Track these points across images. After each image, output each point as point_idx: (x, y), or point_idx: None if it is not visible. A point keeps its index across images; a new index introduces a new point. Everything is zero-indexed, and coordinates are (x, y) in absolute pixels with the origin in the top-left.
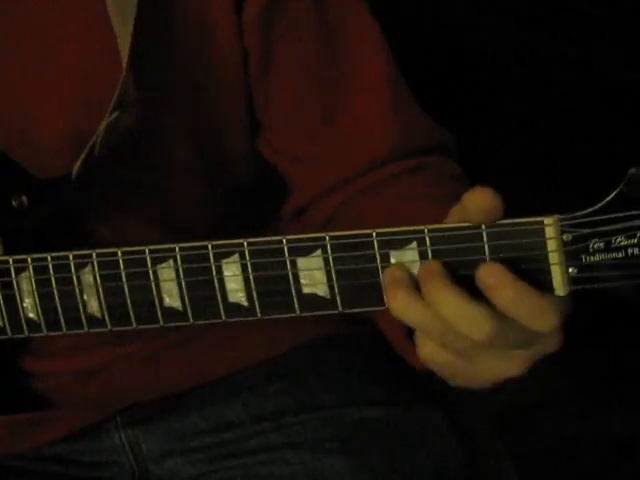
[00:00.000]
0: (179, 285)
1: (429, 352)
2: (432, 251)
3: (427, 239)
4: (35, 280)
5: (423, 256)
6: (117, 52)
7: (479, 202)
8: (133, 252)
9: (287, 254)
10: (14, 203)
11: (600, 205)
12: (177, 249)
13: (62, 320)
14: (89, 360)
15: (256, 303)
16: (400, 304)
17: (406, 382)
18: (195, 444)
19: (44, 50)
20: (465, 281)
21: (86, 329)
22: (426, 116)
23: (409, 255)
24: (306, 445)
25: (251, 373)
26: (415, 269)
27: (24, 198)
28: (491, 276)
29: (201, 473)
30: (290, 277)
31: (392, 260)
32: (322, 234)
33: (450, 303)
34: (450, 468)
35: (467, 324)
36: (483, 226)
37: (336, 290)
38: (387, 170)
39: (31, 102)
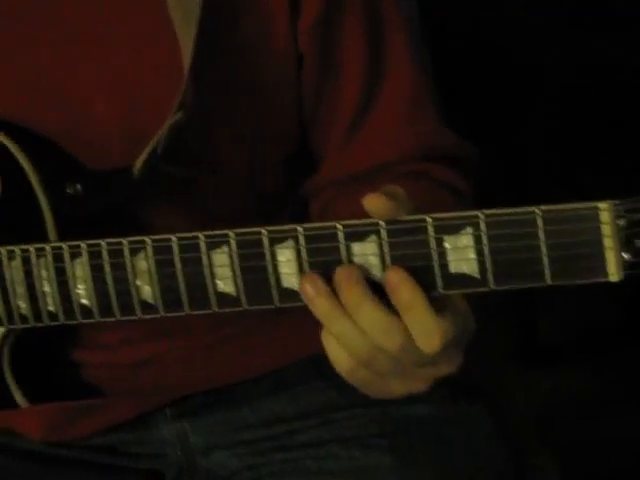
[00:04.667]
0: (233, 270)
1: (348, 369)
2: (488, 236)
3: (482, 224)
4: (89, 266)
5: (478, 241)
6: (177, 53)
7: (370, 209)
8: (187, 238)
9: (342, 239)
10: (68, 190)
11: None
12: (232, 235)
13: (115, 306)
14: (140, 352)
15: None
16: (323, 310)
17: (451, 381)
18: (243, 437)
19: (105, 47)
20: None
21: (139, 315)
22: (445, 127)
23: (464, 240)
24: (354, 440)
25: (300, 368)
26: (471, 254)
27: (78, 186)
28: (392, 278)
29: (248, 466)
30: (345, 262)
31: (446, 245)
32: (377, 220)
33: (367, 311)
34: (494, 469)
35: (382, 334)
36: (538, 211)
37: None
38: (393, 171)
39: (88, 96)
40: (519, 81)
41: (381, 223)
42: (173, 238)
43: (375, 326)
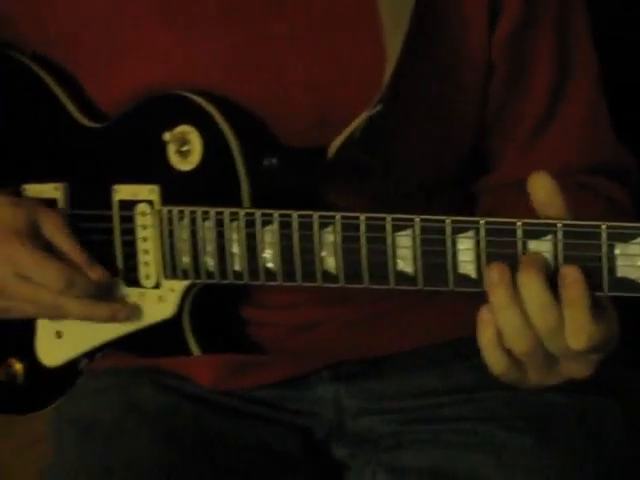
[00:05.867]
0: (414, 252)
1: (495, 359)
2: None
3: None
4: (279, 234)
5: None
6: (381, 49)
7: (533, 185)
8: (375, 218)
9: (520, 235)
10: (265, 163)
11: None
12: (417, 220)
13: (299, 273)
14: (304, 315)
15: (484, 277)
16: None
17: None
18: (392, 406)
19: (312, 37)
20: None
21: (320, 283)
22: (617, 141)
23: (635, 249)
24: (495, 420)
25: (451, 348)
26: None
27: (275, 160)
28: (568, 275)
29: (393, 432)
30: (518, 257)
31: (617, 251)
32: (555, 221)
33: (532, 286)
34: (622, 462)
35: (539, 309)
36: None
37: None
38: (563, 181)
39: (291, 79)
40: None
41: (558, 224)
42: (361, 217)
43: (536, 300)
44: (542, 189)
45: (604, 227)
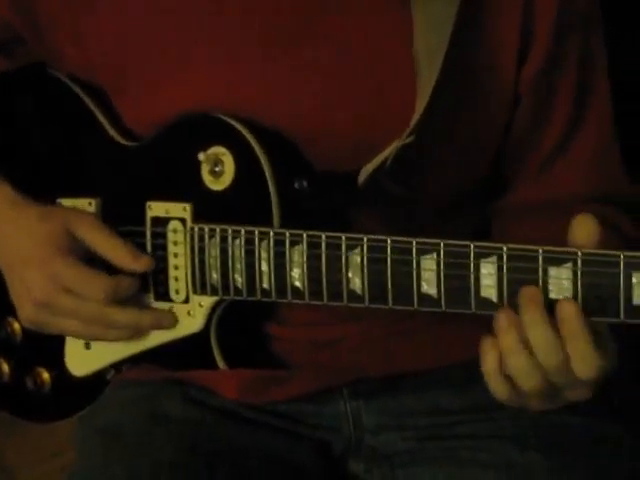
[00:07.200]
0: (438, 275)
1: (498, 386)
2: None
3: None
4: (307, 254)
5: None
6: (412, 80)
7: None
8: (401, 242)
9: (541, 262)
10: (296, 185)
11: None
12: (442, 244)
13: (325, 292)
14: (325, 333)
15: (505, 301)
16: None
17: (605, 399)
18: (409, 422)
19: (353, 64)
20: None
21: (345, 302)
22: (626, 174)
23: None
24: (509, 438)
25: (467, 367)
26: None
27: (305, 183)
28: (564, 311)
29: (409, 449)
30: (540, 283)
31: (634, 280)
32: (574, 249)
33: (541, 330)
34: None
35: (546, 348)
36: None
37: (579, 300)
38: (576, 210)
39: (330, 104)
40: None
41: (579, 253)
42: (388, 240)
43: (543, 343)
44: (585, 231)
45: (622, 256)
